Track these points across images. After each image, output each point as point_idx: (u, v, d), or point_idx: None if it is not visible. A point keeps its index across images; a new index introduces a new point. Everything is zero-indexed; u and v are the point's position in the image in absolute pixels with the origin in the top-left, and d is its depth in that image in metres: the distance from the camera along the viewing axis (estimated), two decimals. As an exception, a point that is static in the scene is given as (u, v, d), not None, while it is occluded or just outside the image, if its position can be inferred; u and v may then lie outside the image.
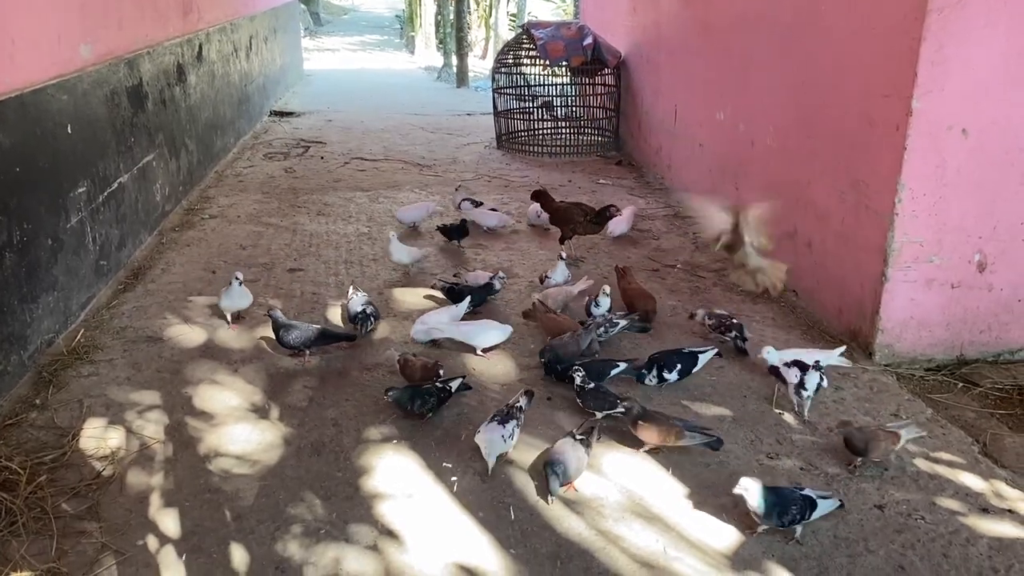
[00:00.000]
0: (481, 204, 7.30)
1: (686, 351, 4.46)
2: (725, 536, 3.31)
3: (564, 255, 5.85)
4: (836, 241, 5.10)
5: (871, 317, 4.71)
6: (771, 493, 3.20)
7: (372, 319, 4.98)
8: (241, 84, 10.62)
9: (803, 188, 5.50)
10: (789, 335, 5.07)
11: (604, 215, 6.17)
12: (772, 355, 4.19)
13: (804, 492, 3.28)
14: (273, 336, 4.64)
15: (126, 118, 6.20)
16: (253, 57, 11.50)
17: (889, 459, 3.75)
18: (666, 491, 3.58)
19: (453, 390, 4.11)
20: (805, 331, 5.13)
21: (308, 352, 4.63)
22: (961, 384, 4.53)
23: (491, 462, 3.63)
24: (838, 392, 4.38)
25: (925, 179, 4.40)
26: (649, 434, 3.75)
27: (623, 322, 4.85)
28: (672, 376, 4.34)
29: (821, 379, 4.07)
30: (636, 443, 3.84)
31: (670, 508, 3.47)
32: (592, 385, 4.11)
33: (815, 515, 3.24)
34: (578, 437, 3.61)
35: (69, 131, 5.14)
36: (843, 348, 4.48)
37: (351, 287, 5.26)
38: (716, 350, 4.52)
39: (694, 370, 4.42)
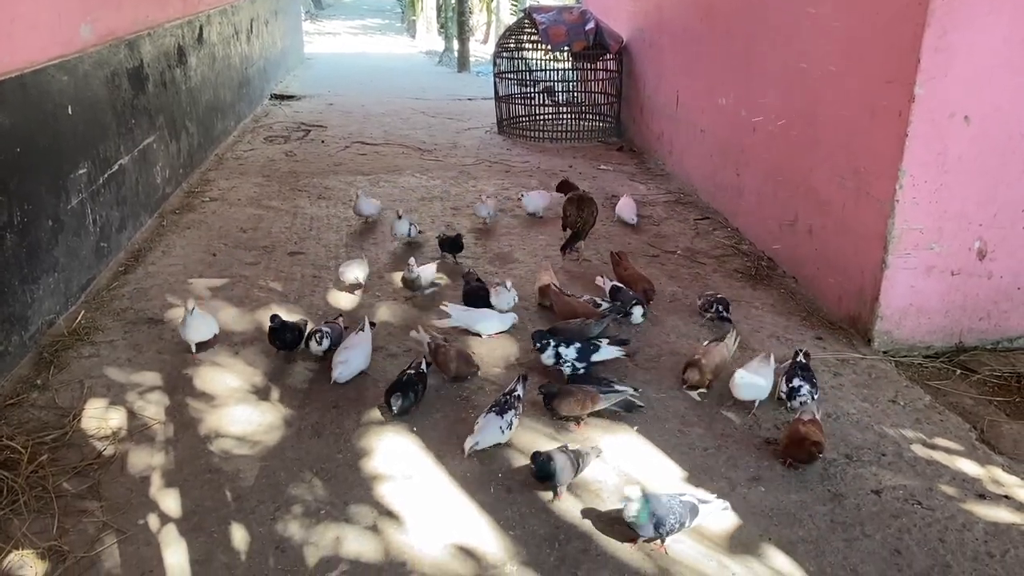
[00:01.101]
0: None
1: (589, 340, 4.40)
2: (723, 519, 3.32)
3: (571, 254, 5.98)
4: (836, 228, 5.10)
5: (871, 304, 4.72)
6: (653, 502, 3.07)
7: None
8: (242, 67, 10.59)
9: (804, 175, 5.49)
10: (789, 321, 5.08)
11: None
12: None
13: (684, 498, 3.20)
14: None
15: (127, 100, 6.18)
16: (254, 40, 11.46)
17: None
18: (664, 475, 3.60)
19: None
20: (804, 318, 5.13)
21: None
22: (959, 371, 4.55)
23: (471, 446, 3.64)
24: (837, 379, 4.40)
25: (926, 166, 4.39)
26: (568, 407, 3.85)
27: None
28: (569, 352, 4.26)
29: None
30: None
31: (668, 491, 3.48)
32: (582, 371, 4.16)
33: (696, 521, 3.17)
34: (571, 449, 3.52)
35: (70, 112, 5.12)
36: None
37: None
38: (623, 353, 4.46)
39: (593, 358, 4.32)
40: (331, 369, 4.20)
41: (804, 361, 4.13)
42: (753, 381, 3.98)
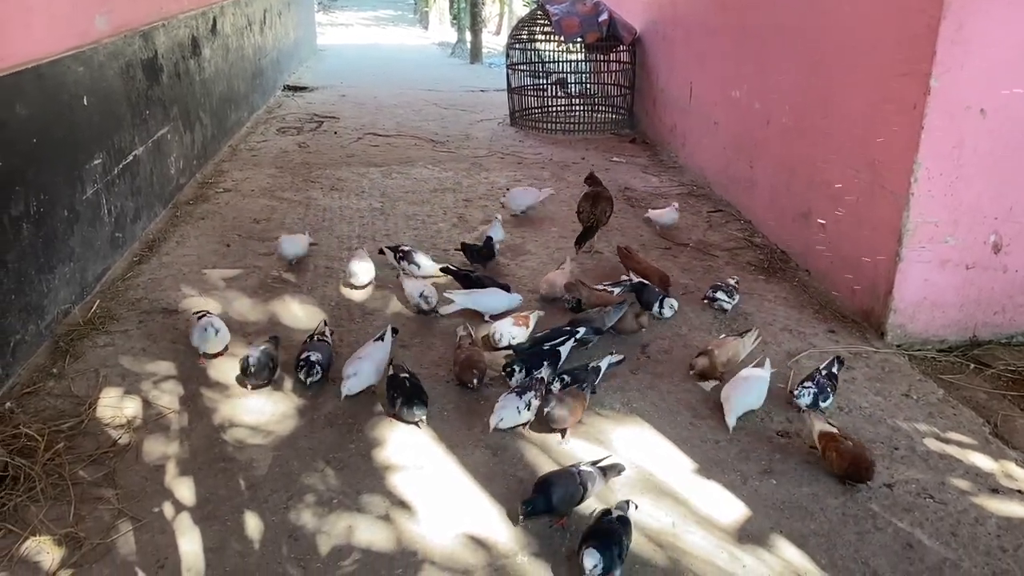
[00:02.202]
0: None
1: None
2: (734, 511, 3.33)
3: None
4: (850, 221, 5.08)
5: (884, 297, 4.70)
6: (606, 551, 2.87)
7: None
8: (255, 58, 10.61)
9: (818, 167, 5.47)
10: (801, 314, 5.07)
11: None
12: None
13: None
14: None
15: (141, 91, 6.21)
16: (267, 31, 11.48)
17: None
18: (675, 467, 3.61)
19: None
20: (817, 311, 5.12)
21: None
22: (973, 365, 4.53)
23: (495, 424, 3.68)
24: (849, 372, 4.38)
25: (941, 159, 4.37)
26: (573, 416, 3.73)
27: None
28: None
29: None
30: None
31: (679, 484, 3.49)
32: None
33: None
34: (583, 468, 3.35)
35: (85, 103, 5.16)
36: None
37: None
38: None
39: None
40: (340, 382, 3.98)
41: (836, 371, 4.06)
42: (741, 398, 3.89)
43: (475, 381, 4.07)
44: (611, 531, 2.97)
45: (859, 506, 3.35)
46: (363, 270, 5.29)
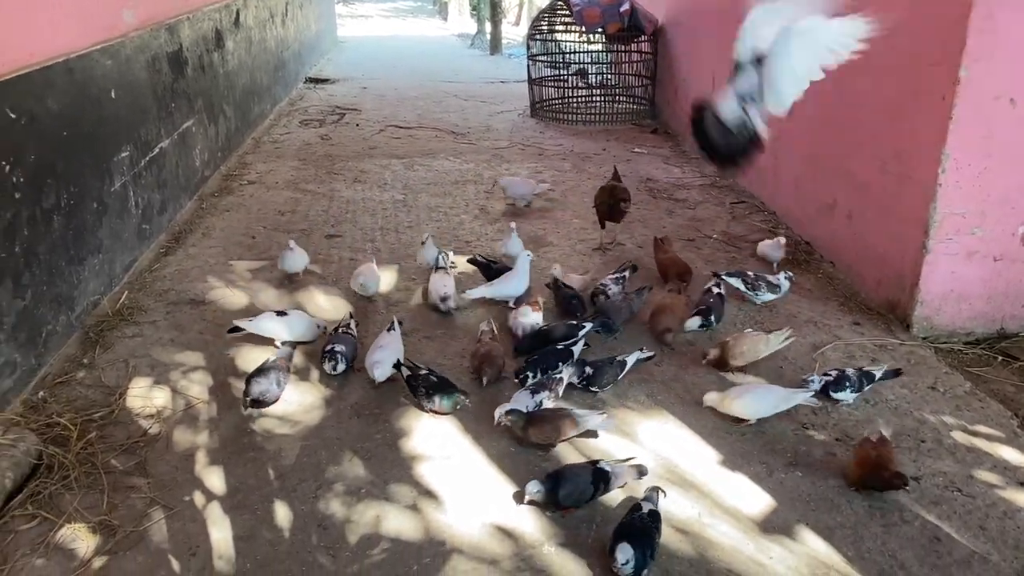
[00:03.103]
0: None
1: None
2: (759, 503, 3.33)
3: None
4: (876, 212, 5.05)
5: (910, 289, 4.67)
6: (639, 549, 2.88)
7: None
8: (277, 50, 10.65)
9: (843, 159, 5.43)
10: (826, 306, 5.04)
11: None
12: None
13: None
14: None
15: (167, 84, 6.26)
16: (289, 23, 11.52)
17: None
18: (701, 458, 3.61)
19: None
20: (842, 303, 5.09)
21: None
22: (1001, 358, 4.49)
23: (499, 416, 3.65)
24: (875, 365, 4.36)
25: (970, 149, 4.33)
26: (541, 433, 3.58)
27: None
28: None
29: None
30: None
31: (705, 475, 3.50)
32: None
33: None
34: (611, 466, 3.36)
35: (113, 96, 5.21)
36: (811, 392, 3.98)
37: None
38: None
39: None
40: (368, 370, 4.04)
41: (877, 375, 4.03)
42: (748, 401, 3.84)
43: (484, 380, 4.06)
44: (645, 530, 2.97)
45: (885, 499, 3.34)
46: (371, 282, 5.04)
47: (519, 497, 3.31)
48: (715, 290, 4.70)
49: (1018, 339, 4.67)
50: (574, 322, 4.48)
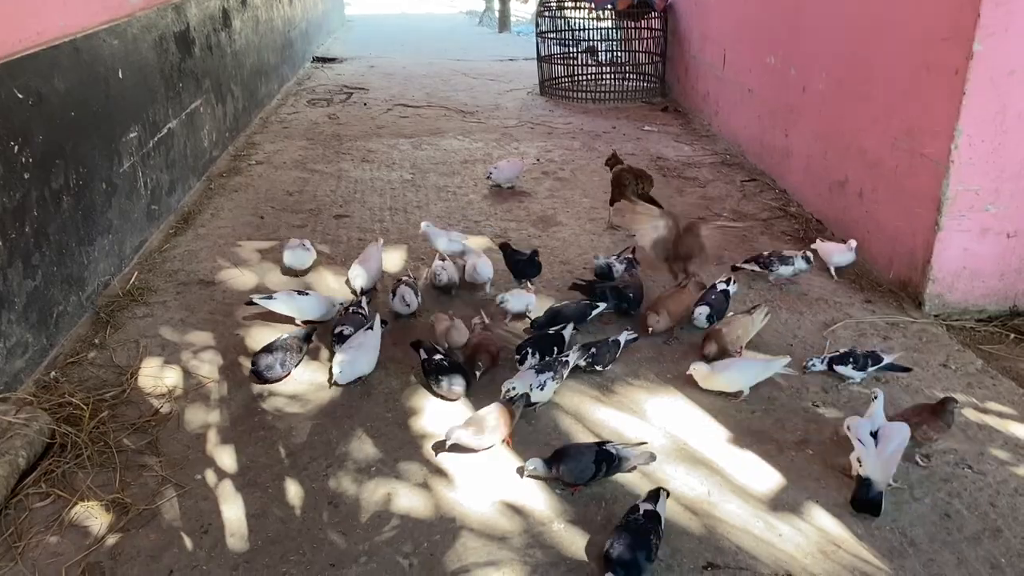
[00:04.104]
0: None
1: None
2: (769, 481, 3.33)
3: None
4: (888, 190, 5.00)
5: (922, 267, 4.64)
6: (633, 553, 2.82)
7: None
8: (284, 30, 10.61)
9: (855, 135, 5.38)
10: (837, 284, 5.01)
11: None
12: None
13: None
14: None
15: (174, 64, 6.24)
16: (295, 2, 11.46)
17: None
18: (710, 437, 3.61)
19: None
20: (853, 280, 5.06)
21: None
22: (1013, 336, 4.46)
23: (505, 391, 3.63)
24: (887, 343, 4.34)
25: (984, 125, 4.27)
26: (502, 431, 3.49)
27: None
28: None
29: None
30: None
31: (714, 453, 3.50)
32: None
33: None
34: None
35: (120, 76, 5.20)
36: (787, 359, 4.00)
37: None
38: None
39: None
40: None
41: (883, 356, 4.00)
42: (730, 375, 3.85)
43: (477, 372, 3.95)
44: (640, 532, 2.87)
45: (896, 476, 3.33)
46: (359, 274, 4.80)
47: (523, 472, 3.32)
48: (720, 287, 4.57)
49: (1031, 316, 4.64)
50: (586, 301, 4.49)
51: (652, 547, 2.86)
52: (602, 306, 4.42)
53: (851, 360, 3.95)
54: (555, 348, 4.06)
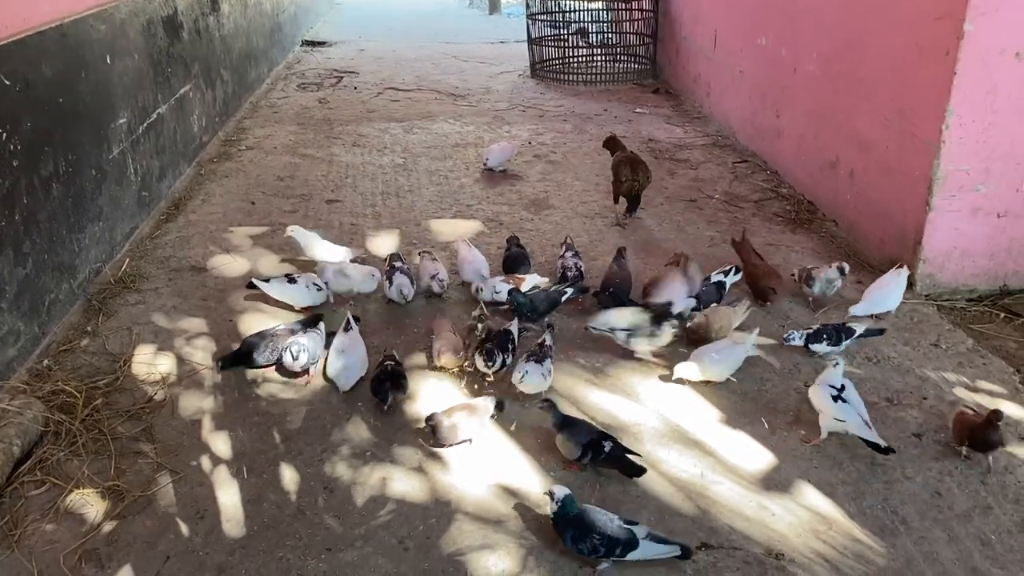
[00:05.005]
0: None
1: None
2: (761, 461, 3.35)
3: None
4: (879, 170, 5.01)
5: (913, 247, 4.66)
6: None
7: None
8: (273, 13, 10.53)
9: (846, 116, 5.38)
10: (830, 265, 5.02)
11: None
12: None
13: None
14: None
15: (162, 48, 6.20)
16: (284, -15, 11.37)
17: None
18: (703, 418, 3.63)
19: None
20: (845, 261, 5.06)
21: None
22: (1003, 315, 4.49)
23: (519, 378, 3.68)
24: (877, 323, 4.36)
25: (974, 105, 4.28)
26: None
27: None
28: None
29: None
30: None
31: (707, 434, 3.52)
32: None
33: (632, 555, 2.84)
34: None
35: (108, 62, 5.16)
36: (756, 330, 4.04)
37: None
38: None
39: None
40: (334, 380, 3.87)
41: (856, 331, 4.04)
42: (719, 369, 3.84)
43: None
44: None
45: (887, 456, 3.36)
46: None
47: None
48: (714, 278, 4.54)
49: (1021, 296, 4.66)
50: (559, 286, 4.47)
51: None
52: (570, 291, 4.37)
53: (824, 336, 4.00)
54: (510, 344, 3.96)
